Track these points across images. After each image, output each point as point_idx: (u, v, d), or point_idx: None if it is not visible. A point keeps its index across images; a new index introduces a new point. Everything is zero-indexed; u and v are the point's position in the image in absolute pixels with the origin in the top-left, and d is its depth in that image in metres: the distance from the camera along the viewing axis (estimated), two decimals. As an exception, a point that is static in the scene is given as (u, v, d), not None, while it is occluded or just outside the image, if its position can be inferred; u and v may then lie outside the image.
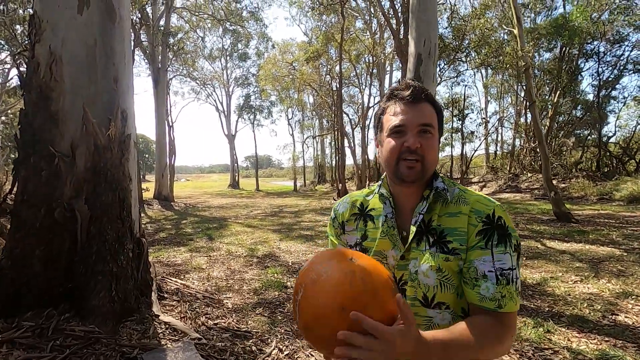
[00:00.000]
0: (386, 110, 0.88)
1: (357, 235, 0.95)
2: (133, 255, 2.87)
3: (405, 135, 0.83)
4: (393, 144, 0.84)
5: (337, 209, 1.02)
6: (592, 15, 15.36)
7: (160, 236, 7.86)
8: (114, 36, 2.80)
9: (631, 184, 12.13)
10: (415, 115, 0.83)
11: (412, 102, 0.83)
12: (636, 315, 3.10)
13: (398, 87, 0.87)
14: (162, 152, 15.98)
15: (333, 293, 0.62)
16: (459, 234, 0.82)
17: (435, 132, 0.85)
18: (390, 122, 0.85)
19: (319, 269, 0.67)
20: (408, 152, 0.82)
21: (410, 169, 0.82)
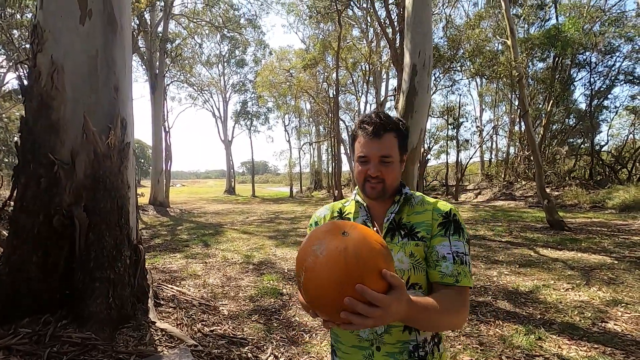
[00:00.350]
0: (356, 138, 1.06)
1: None
2: (130, 262, 2.89)
3: (368, 164, 1.02)
4: (360, 169, 1.04)
5: (319, 214, 1.17)
6: (584, 26, 15.68)
7: (155, 242, 7.85)
8: (115, 46, 2.85)
9: (623, 193, 12.30)
10: (376, 148, 1.00)
11: (374, 137, 1.00)
12: (625, 323, 3.16)
13: (365, 120, 1.03)
14: (159, 158, 15.97)
15: (329, 272, 0.70)
16: (425, 226, 1.02)
17: (394, 158, 1.02)
18: (358, 152, 1.04)
19: (315, 250, 0.74)
20: (370, 177, 1.02)
21: (373, 189, 1.02)
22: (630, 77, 17.34)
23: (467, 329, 3.11)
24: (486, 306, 3.65)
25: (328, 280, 0.69)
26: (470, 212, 12.75)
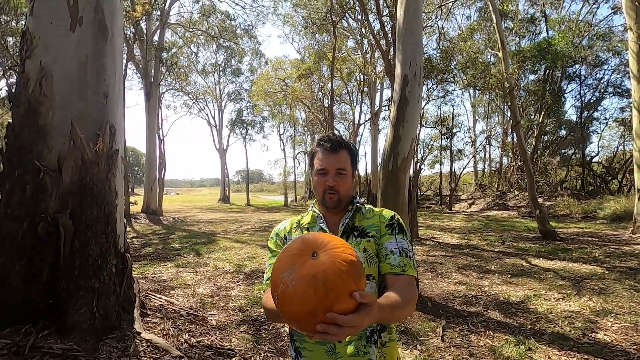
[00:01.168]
0: (315, 155, 1.19)
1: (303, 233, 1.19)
2: (116, 271, 2.84)
3: (327, 176, 1.15)
4: (319, 182, 1.16)
5: (279, 228, 1.26)
6: (573, 40, 16.04)
7: (146, 251, 7.74)
8: (105, 53, 2.85)
9: (614, 203, 12.43)
10: (333, 161, 1.15)
11: (331, 151, 1.15)
12: (615, 333, 3.16)
13: (323, 138, 1.19)
14: (152, 166, 15.88)
15: (300, 302, 0.74)
16: (375, 227, 1.17)
17: (348, 172, 1.17)
18: (317, 165, 1.17)
19: (285, 278, 0.78)
20: (329, 188, 1.14)
21: (331, 199, 1.15)
22: (618, 90, 17.71)
23: (457, 340, 3.09)
24: (477, 316, 3.63)
25: (300, 309, 0.74)
26: (464, 221, 12.79)
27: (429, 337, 3.14)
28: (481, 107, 25.63)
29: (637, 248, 7.00)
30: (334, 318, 0.71)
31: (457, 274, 5.40)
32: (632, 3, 8.06)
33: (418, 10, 4.47)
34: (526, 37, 20.13)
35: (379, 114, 22.25)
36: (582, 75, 17.74)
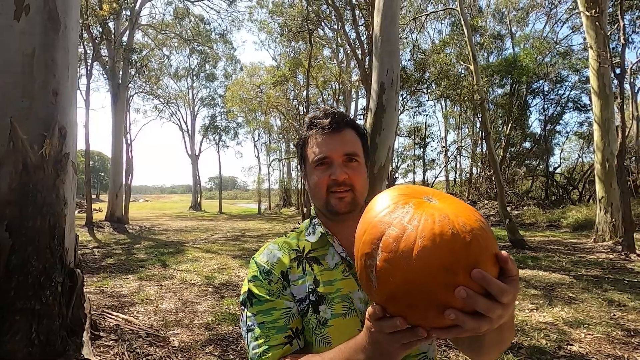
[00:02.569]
0: (308, 142, 0.83)
1: (309, 281, 0.78)
2: (63, 290, 2.53)
3: (331, 166, 0.79)
4: (320, 178, 0.79)
5: (269, 259, 0.81)
6: (537, 57, 16.89)
7: (107, 262, 7.23)
8: (56, 46, 2.57)
9: (576, 212, 13.02)
10: (338, 145, 0.80)
11: (333, 130, 0.80)
12: (588, 345, 3.16)
13: (317, 116, 0.83)
14: (118, 171, 15.11)
15: (431, 252, 0.46)
16: None
17: (361, 158, 0.82)
18: (314, 154, 0.80)
19: (399, 219, 0.50)
20: (336, 184, 0.78)
21: (341, 200, 0.78)
22: (578, 105, 18.78)
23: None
24: (454, 330, 3.55)
25: (428, 264, 0.46)
26: (437, 230, 12.94)
27: (406, 354, 3.01)
28: (452, 119, 26.42)
29: (600, 256, 7.27)
30: (484, 278, 0.45)
31: (432, 285, 5.35)
32: (592, 23, 8.51)
33: (395, 17, 4.44)
34: (494, 52, 21.05)
35: (354, 122, 22.39)
36: (545, 90, 18.72)
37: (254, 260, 0.83)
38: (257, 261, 0.81)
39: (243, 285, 0.82)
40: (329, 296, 0.76)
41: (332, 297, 0.76)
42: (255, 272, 0.80)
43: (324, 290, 0.77)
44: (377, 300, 0.52)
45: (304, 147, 0.84)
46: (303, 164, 0.86)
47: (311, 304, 0.76)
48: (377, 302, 0.52)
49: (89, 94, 12.19)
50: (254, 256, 0.84)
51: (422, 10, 15.86)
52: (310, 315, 0.76)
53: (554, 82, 18.37)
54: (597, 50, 8.41)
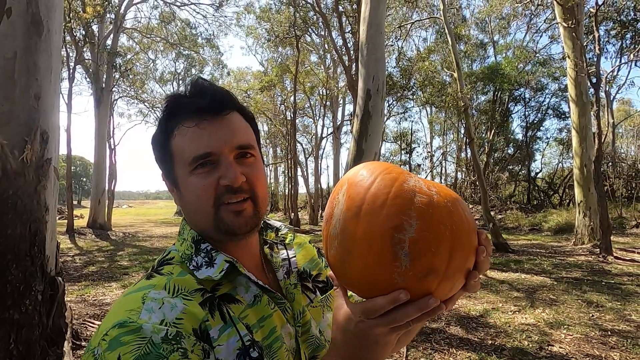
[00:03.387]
0: (175, 133, 0.56)
1: (240, 330, 0.53)
2: (43, 298, 2.46)
3: (218, 167, 0.55)
4: (203, 185, 0.55)
5: (165, 317, 0.48)
6: (518, 65, 17.41)
7: (89, 270, 7.05)
8: (39, 50, 2.53)
9: (556, 216, 13.38)
10: (226, 135, 0.55)
11: (215, 114, 0.56)
12: (568, 345, 3.25)
13: (187, 93, 0.58)
14: (101, 177, 14.79)
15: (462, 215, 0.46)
16: (317, 262, 0.72)
17: (257, 152, 0.60)
18: (189, 151, 0.55)
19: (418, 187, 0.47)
20: (230, 191, 0.55)
21: (239, 214, 0.55)
22: (557, 112, 19.42)
23: (421, 359, 3.01)
24: (440, 333, 3.60)
25: (463, 228, 0.45)
26: (423, 234, 13.10)
27: (392, 358, 3.04)
28: (437, 125, 26.88)
29: (579, 259, 7.48)
30: (489, 242, 0.48)
31: (418, 289, 5.42)
32: (569, 34, 8.84)
33: (380, 26, 4.53)
34: (477, 60, 21.59)
35: (341, 128, 22.56)
36: (526, 97, 19.30)
37: (150, 325, 0.45)
38: (142, 325, 0.45)
39: None
40: (266, 342, 0.55)
41: (270, 343, 0.55)
42: (141, 346, 0.44)
43: (261, 337, 0.55)
44: (404, 281, 0.43)
45: (168, 142, 0.57)
46: (168, 167, 0.59)
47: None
48: (403, 285, 0.43)
49: (71, 97, 11.96)
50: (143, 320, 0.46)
51: (407, 18, 16.18)
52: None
53: (535, 89, 18.96)
54: (575, 59, 8.73)
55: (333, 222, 0.49)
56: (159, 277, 0.54)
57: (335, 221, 0.48)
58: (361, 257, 0.45)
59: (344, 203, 0.48)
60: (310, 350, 0.61)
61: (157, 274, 0.55)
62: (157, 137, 0.60)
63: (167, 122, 0.58)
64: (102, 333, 0.46)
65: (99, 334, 0.46)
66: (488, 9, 17.75)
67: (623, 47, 14.14)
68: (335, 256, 0.48)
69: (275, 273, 0.64)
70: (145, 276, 0.55)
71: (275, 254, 0.66)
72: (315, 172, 22.64)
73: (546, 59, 18.49)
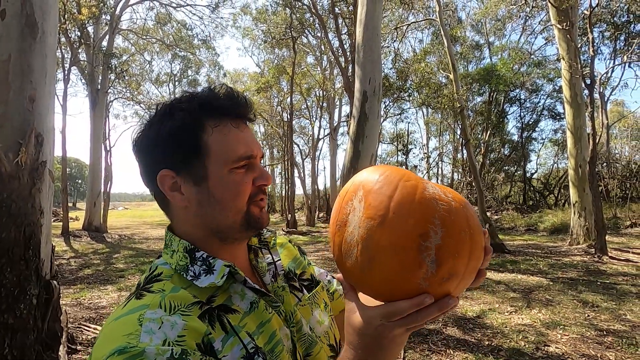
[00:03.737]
0: (211, 129, 0.57)
1: (243, 338, 0.53)
2: (38, 302, 2.44)
3: (252, 169, 0.59)
4: (245, 181, 0.58)
5: (167, 336, 0.46)
6: (513, 67, 17.52)
7: (85, 273, 7.00)
8: (33, 52, 2.51)
9: (552, 217, 13.46)
10: (255, 141, 0.61)
11: (249, 121, 0.62)
12: (564, 345, 3.27)
13: (224, 94, 0.59)
14: (96, 178, 14.70)
15: (474, 218, 0.50)
16: (300, 261, 0.75)
17: None
18: (236, 150, 0.57)
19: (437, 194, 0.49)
20: (262, 191, 0.60)
21: (262, 210, 0.60)
22: (552, 113, 19.55)
23: (418, 361, 3.02)
24: (437, 334, 3.61)
25: (478, 231, 0.49)
26: (420, 235, 13.13)
27: (390, 360, 3.04)
28: (434, 126, 26.98)
29: (575, 259, 7.53)
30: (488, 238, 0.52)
31: (415, 290, 5.42)
32: (563, 35, 8.92)
33: (377, 28, 4.55)
34: (473, 61, 21.71)
35: (337, 129, 22.59)
36: (521, 99, 19.42)
37: (127, 351, 0.43)
38: (145, 349, 0.43)
39: None
40: (268, 348, 0.56)
41: (272, 348, 0.56)
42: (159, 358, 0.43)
43: (262, 342, 0.55)
44: (428, 286, 0.46)
45: (200, 135, 0.57)
46: (192, 162, 0.57)
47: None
48: (427, 289, 0.46)
49: (66, 99, 11.89)
50: (118, 348, 0.43)
51: (403, 20, 16.24)
52: None
53: (530, 90, 19.09)
54: (569, 61, 8.80)
55: (349, 229, 0.50)
56: (151, 295, 0.52)
57: (352, 228, 0.49)
58: (385, 264, 0.46)
59: (363, 210, 0.49)
60: (304, 349, 0.63)
61: (147, 292, 0.53)
62: (180, 128, 0.57)
63: (199, 116, 0.58)
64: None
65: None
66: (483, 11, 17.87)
67: (616, 49, 14.28)
68: (355, 264, 0.49)
69: (262, 277, 0.66)
70: (134, 295, 0.53)
71: (260, 259, 0.68)
72: (312, 174, 22.64)
73: (541, 61, 18.64)
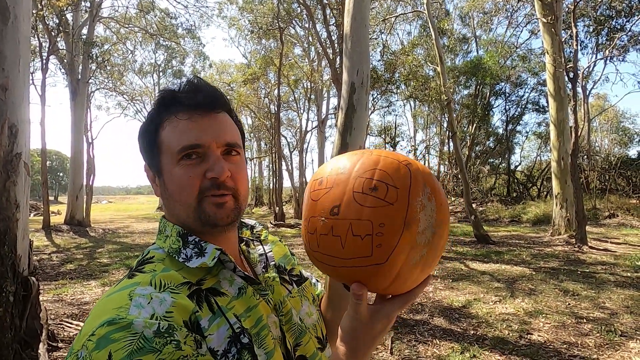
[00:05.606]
0: (165, 124, 0.58)
1: (229, 318, 0.54)
2: (15, 300, 2.36)
3: (206, 159, 0.57)
4: (189, 176, 0.56)
5: (155, 311, 0.47)
6: (500, 60, 17.70)
7: (67, 268, 6.84)
8: (5, 38, 2.39)
9: (535, 208, 13.78)
10: (216, 130, 0.58)
11: (207, 109, 0.58)
12: (546, 333, 3.35)
13: (182, 89, 0.59)
14: (78, 171, 14.30)
15: None
16: (290, 259, 0.77)
17: (242, 152, 0.63)
18: (178, 141, 0.56)
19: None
20: (214, 185, 0.56)
21: (220, 206, 0.57)
22: (536, 107, 19.90)
23: (405, 351, 3.05)
24: (423, 325, 3.65)
25: None
26: (407, 227, 13.27)
27: (378, 351, 3.06)
28: (421, 118, 27.16)
29: (556, 249, 7.74)
30: None
31: (402, 281, 5.48)
32: (548, 29, 9.02)
33: (365, 19, 4.49)
34: (460, 54, 21.84)
35: (325, 121, 22.50)
36: (506, 92, 19.67)
37: (116, 322, 0.44)
38: (133, 320, 0.44)
39: None
40: (254, 330, 0.57)
41: (258, 331, 0.57)
42: (133, 342, 0.43)
43: (249, 325, 0.56)
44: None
45: (158, 132, 0.59)
46: (153, 157, 0.60)
47: (246, 349, 0.53)
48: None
49: (44, 89, 11.45)
50: (107, 319, 0.44)
51: (391, 11, 16.17)
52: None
53: (515, 84, 19.36)
54: (553, 55, 8.93)
55: (420, 228, 0.48)
56: (142, 274, 0.54)
57: (423, 228, 0.48)
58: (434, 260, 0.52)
59: (436, 210, 0.49)
60: (294, 338, 0.64)
61: (139, 272, 0.55)
62: (146, 126, 0.61)
63: (159, 113, 0.60)
64: (88, 334, 0.45)
65: (82, 336, 0.45)
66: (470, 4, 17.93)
67: (599, 43, 14.56)
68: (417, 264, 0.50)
69: (253, 268, 0.66)
70: (126, 276, 0.55)
71: (252, 250, 0.69)
72: (300, 166, 22.57)
73: (526, 54, 18.87)
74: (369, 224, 0.47)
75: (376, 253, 0.47)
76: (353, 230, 0.48)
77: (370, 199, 0.48)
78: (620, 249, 7.44)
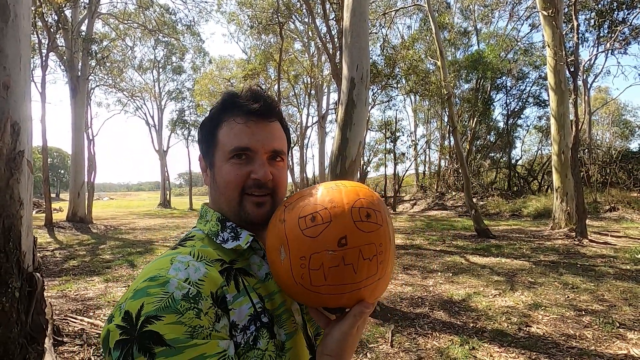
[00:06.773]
0: (223, 124, 0.66)
1: (253, 298, 0.60)
2: (21, 295, 2.39)
3: (253, 162, 0.64)
4: (235, 174, 0.64)
5: (189, 276, 0.53)
6: (500, 54, 17.61)
7: (70, 264, 6.89)
8: (5, 36, 2.39)
9: (535, 202, 13.79)
10: (266, 137, 0.65)
11: (262, 117, 0.65)
12: (545, 326, 3.39)
13: (242, 95, 0.67)
14: (79, 169, 14.34)
15: None
16: None
17: (286, 159, 0.70)
18: (232, 142, 0.64)
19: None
20: (256, 185, 0.63)
21: (259, 206, 0.64)
22: (537, 100, 19.81)
23: (406, 344, 3.09)
24: (424, 317, 3.69)
25: None
26: (408, 222, 13.32)
27: (378, 344, 3.10)
28: (421, 113, 27.09)
29: (556, 243, 7.76)
30: None
31: (403, 275, 5.52)
32: (549, 22, 8.97)
33: (364, 14, 4.48)
34: (460, 48, 21.71)
35: (326, 116, 22.46)
36: (507, 86, 19.58)
37: (176, 281, 0.51)
38: (170, 279, 0.51)
39: (106, 328, 0.50)
40: (276, 313, 0.63)
41: (279, 314, 0.63)
42: (163, 300, 0.49)
43: (271, 307, 0.62)
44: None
45: (216, 129, 0.67)
46: (209, 151, 0.68)
47: (265, 328, 0.59)
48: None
49: (44, 86, 11.46)
50: (150, 276, 0.52)
51: (391, 5, 16.07)
52: (265, 345, 0.58)
53: (516, 78, 19.26)
54: (554, 48, 8.88)
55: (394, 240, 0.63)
56: (183, 248, 0.62)
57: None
58: None
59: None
60: (314, 328, 0.71)
61: (181, 246, 0.63)
62: (207, 123, 0.69)
63: (219, 113, 0.67)
64: (133, 289, 0.52)
65: (128, 292, 0.52)
66: (471, -3, 17.77)
67: (600, 36, 14.46)
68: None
69: None
70: (170, 248, 0.63)
71: None
72: (301, 162, 22.58)
73: (527, 48, 18.75)
74: (374, 246, 0.55)
75: (380, 269, 0.56)
76: (363, 255, 0.54)
77: (367, 224, 0.56)
78: (621, 242, 7.46)
